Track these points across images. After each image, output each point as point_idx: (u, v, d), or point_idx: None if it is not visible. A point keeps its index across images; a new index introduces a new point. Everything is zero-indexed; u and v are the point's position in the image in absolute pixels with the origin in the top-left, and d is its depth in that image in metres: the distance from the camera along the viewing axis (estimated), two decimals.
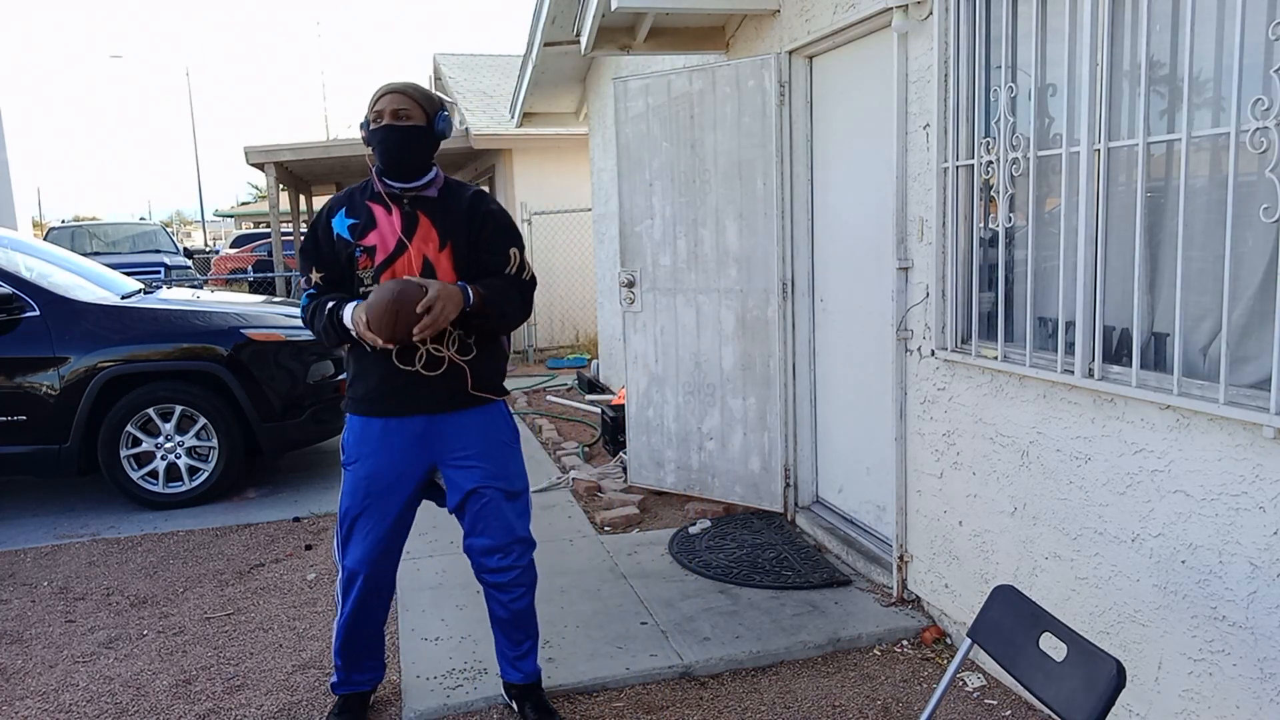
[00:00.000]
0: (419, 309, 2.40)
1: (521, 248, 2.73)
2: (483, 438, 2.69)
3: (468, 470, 2.67)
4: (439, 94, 2.68)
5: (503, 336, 2.80)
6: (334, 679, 2.89)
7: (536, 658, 2.87)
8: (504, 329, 2.68)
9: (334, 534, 2.77)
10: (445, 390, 2.62)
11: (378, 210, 2.61)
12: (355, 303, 2.55)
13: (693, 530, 4.45)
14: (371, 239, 2.59)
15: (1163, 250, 2.39)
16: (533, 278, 2.74)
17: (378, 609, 2.80)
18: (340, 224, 2.63)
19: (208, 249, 27.78)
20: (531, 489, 5.24)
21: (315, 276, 2.66)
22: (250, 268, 17.79)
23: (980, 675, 3.10)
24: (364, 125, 2.63)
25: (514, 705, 2.90)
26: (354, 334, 2.54)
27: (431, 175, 2.64)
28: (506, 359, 2.80)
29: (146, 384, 5.11)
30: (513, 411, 7.50)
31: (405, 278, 2.49)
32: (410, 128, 2.56)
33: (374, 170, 2.66)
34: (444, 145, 11.74)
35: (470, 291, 2.54)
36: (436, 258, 2.60)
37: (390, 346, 2.49)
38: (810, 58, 4.18)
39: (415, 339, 2.43)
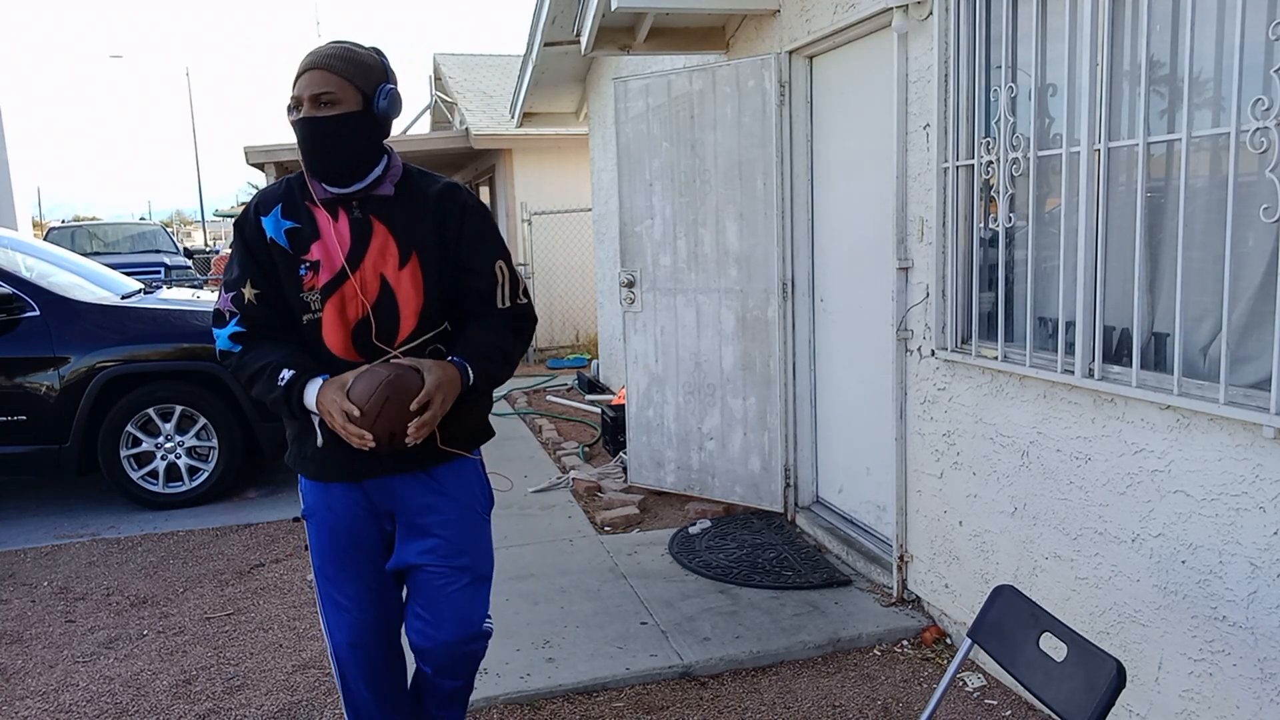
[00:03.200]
0: (413, 407, 1.88)
1: (508, 257, 2.13)
2: (445, 501, 2.11)
3: (417, 536, 2.11)
4: (379, 57, 2.00)
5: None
6: None
7: None
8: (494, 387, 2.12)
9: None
10: (405, 451, 2.03)
11: (320, 216, 2.00)
12: (320, 379, 1.96)
13: (693, 530, 4.45)
14: (316, 252, 1.99)
15: (1163, 250, 2.39)
16: (528, 299, 2.16)
17: (390, 685, 2.22)
18: (274, 227, 2.01)
19: (208, 249, 27.75)
20: (532, 489, 5.26)
21: (249, 293, 2.01)
22: None
23: (980, 675, 3.10)
24: (288, 110, 1.98)
25: None
26: (318, 420, 1.99)
27: (381, 168, 2.01)
28: (490, 399, 2.24)
29: (146, 384, 5.11)
30: (514, 410, 7.53)
31: (395, 362, 1.94)
32: (338, 117, 1.91)
33: (305, 170, 2.01)
34: (445, 146, 11.62)
35: (470, 370, 2.01)
36: (397, 279, 2.00)
37: (379, 448, 1.91)
38: (810, 58, 4.18)
39: (409, 441, 1.91)
